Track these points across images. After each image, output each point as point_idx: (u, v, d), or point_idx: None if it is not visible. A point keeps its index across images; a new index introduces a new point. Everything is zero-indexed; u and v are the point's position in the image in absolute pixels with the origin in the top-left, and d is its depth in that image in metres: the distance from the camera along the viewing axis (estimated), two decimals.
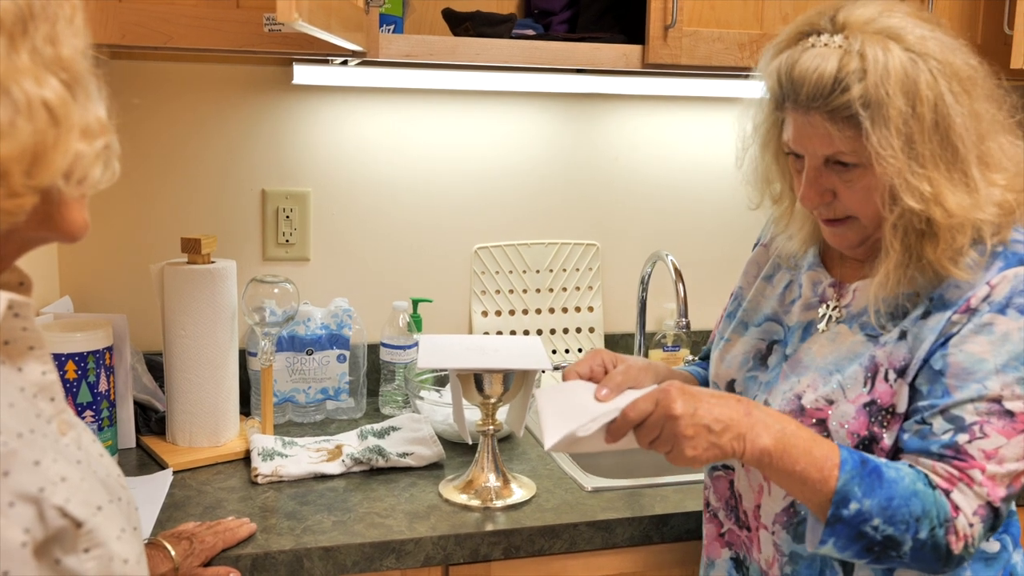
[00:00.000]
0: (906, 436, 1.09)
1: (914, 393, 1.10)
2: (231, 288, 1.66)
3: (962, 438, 1.05)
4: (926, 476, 1.05)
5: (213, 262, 1.65)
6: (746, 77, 1.85)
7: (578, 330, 2.14)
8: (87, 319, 1.62)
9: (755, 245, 1.41)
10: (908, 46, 1.06)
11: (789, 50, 1.12)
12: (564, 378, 1.26)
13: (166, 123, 1.88)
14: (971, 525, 1.04)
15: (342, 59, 1.69)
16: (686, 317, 1.84)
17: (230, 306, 1.65)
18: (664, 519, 1.47)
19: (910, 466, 1.06)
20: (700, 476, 1.60)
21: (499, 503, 1.48)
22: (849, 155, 1.09)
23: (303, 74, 1.75)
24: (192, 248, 1.63)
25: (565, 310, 2.13)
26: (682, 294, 1.85)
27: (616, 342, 2.16)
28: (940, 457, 1.06)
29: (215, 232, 1.86)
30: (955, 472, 1.05)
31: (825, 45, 1.08)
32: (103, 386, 1.56)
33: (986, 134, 1.09)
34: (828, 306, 1.21)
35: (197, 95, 1.88)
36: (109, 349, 1.58)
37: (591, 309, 2.15)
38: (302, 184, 1.96)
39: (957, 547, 1.04)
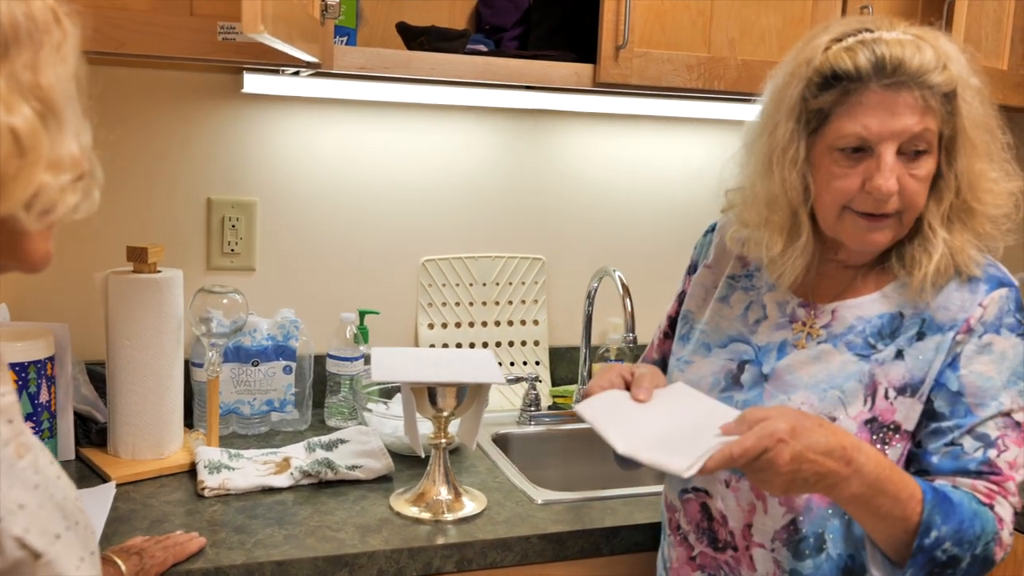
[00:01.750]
0: (935, 459, 1.13)
1: (932, 413, 1.14)
2: (178, 298, 1.63)
3: (992, 454, 1.11)
4: (973, 495, 1.10)
5: (160, 271, 1.62)
6: (693, 98, 1.92)
7: (523, 343, 2.16)
8: (28, 328, 1.58)
9: (691, 268, 1.42)
10: (963, 55, 1.15)
11: (841, 44, 1.13)
12: (587, 395, 1.23)
13: (112, 128, 1.83)
14: (1011, 534, 1.10)
15: (294, 69, 1.68)
16: (633, 332, 1.87)
17: (176, 316, 1.63)
18: (614, 531, 1.49)
19: (953, 487, 1.10)
20: (647, 489, 1.63)
21: (450, 516, 1.48)
22: (931, 136, 1.12)
23: (253, 83, 1.74)
24: (138, 257, 1.60)
25: (511, 323, 2.15)
26: (629, 309, 1.89)
27: (561, 355, 2.19)
28: (978, 474, 1.11)
29: (158, 240, 1.83)
30: (994, 487, 1.10)
31: (889, 37, 1.11)
32: (44, 397, 1.52)
33: (1002, 149, 1.19)
34: (804, 325, 1.24)
35: (144, 101, 1.85)
36: (51, 359, 1.54)
37: (536, 322, 2.16)
38: (249, 193, 1.94)
39: (999, 556, 1.10)
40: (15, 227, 0.69)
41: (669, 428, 1.10)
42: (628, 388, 1.22)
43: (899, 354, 1.17)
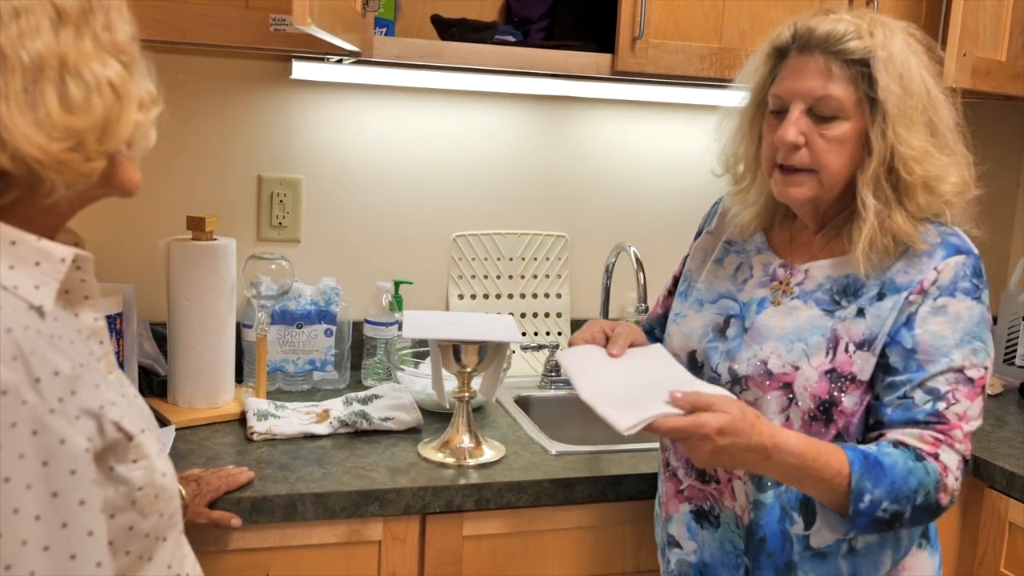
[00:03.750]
0: (889, 411, 1.26)
1: (887, 368, 1.27)
2: (231, 264, 1.81)
3: (941, 406, 1.23)
4: (913, 451, 1.22)
5: (215, 239, 1.80)
6: (706, 86, 2.06)
7: (546, 315, 2.31)
8: (100, 288, 1.76)
9: (697, 234, 1.57)
10: (903, 38, 1.27)
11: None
12: (570, 344, 1.43)
13: (173, 111, 2.00)
14: (956, 479, 1.23)
15: (338, 57, 1.84)
16: (645, 303, 2.02)
17: (230, 280, 1.81)
18: (620, 479, 1.64)
19: (895, 446, 1.23)
20: (654, 444, 1.78)
21: (472, 461, 1.64)
22: (836, 102, 1.25)
23: (301, 70, 1.90)
24: (197, 226, 1.78)
25: (535, 296, 2.30)
26: (642, 282, 2.03)
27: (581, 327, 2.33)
28: (926, 424, 1.23)
29: (214, 212, 2.01)
30: (940, 436, 1.22)
31: (823, 16, 1.28)
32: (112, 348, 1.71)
33: (946, 126, 1.29)
34: (781, 284, 1.38)
35: (201, 86, 2.03)
36: (119, 315, 1.72)
37: (559, 296, 2.32)
38: (295, 171, 2.12)
39: (945, 500, 1.22)
40: (115, 160, 0.85)
41: (628, 386, 1.26)
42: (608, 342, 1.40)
43: (860, 312, 1.29)
